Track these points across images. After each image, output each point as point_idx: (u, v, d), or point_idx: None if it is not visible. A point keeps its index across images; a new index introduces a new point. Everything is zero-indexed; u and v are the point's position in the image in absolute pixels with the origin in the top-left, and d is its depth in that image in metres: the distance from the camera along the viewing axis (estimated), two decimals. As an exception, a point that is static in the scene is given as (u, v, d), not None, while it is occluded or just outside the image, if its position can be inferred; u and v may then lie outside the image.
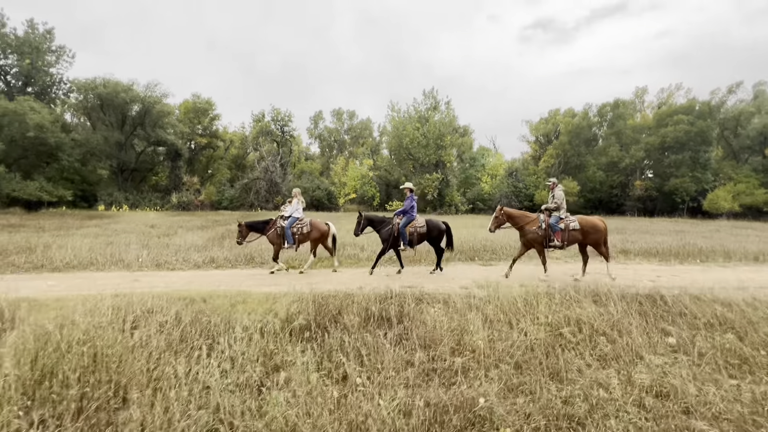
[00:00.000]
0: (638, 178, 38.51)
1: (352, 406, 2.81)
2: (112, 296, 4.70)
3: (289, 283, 7.12)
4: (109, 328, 3.69)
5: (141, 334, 3.74)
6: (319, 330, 4.18)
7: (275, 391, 2.98)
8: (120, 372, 3.07)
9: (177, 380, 3.06)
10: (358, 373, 3.33)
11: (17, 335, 3.33)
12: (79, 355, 3.08)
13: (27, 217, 22.37)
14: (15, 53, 37.67)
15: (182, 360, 3.37)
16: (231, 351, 3.59)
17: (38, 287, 6.57)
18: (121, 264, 8.54)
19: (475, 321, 4.30)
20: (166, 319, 4.14)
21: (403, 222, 7.98)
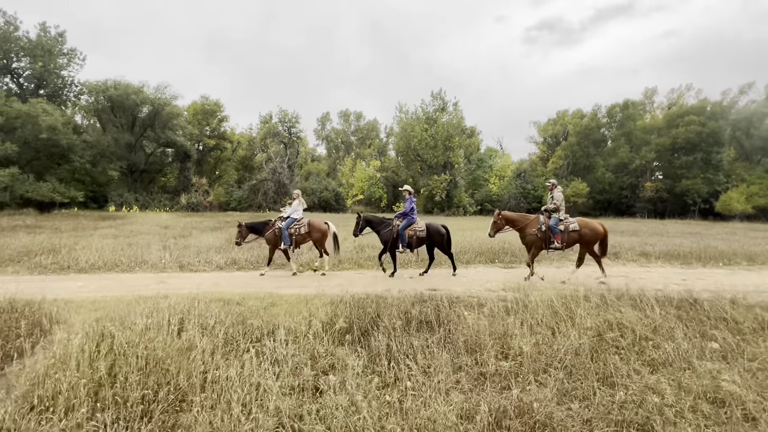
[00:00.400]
0: (648, 179, 38.18)
1: (411, 411, 2.80)
2: (153, 298, 4.73)
3: (313, 285, 7.15)
4: (157, 330, 3.71)
5: (188, 335, 3.76)
6: (360, 332, 4.19)
7: (332, 395, 2.98)
8: (176, 374, 3.09)
9: (230, 382, 3.07)
10: (409, 377, 3.32)
11: (81, 337, 3.35)
12: (137, 357, 3.10)
13: (41, 218, 22.61)
14: (28, 56, 38.16)
15: (234, 362, 3.38)
16: (278, 353, 3.60)
17: (68, 288, 6.63)
18: (145, 265, 8.60)
19: (516, 324, 4.28)
20: (208, 321, 4.16)
21: (403, 224, 7.95)
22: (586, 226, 7.75)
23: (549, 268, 9.51)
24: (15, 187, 30.44)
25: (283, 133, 52.63)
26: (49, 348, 3.85)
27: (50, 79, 39.39)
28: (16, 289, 5.33)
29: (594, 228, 7.78)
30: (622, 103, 40.46)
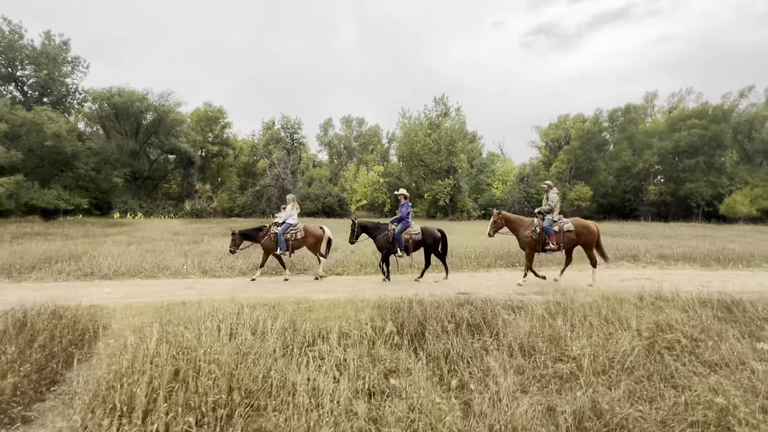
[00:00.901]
0: (651, 182, 38.33)
1: (486, 413, 2.77)
2: (194, 303, 4.71)
3: (338, 289, 7.13)
4: (218, 335, 3.69)
5: (242, 339, 3.73)
6: (411, 336, 4.16)
7: (403, 397, 2.96)
8: (243, 378, 3.06)
9: (299, 386, 3.04)
10: (472, 379, 3.30)
11: (155, 341, 3.32)
12: (207, 361, 3.08)
13: (48, 225, 22.54)
14: (32, 64, 38.31)
15: (293, 365, 3.35)
16: (335, 357, 3.58)
17: (97, 294, 6.59)
18: (168, 271, 8.57)
19: (566, 327, 4.26)
20: (259, 325, 4.13)
21: (399, 229, 7.94)
22: (581, 226, 7.79)
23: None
24: (20, 194, 30.38)
25: (286, 140, 52.78)
26: (102, 353, 3.83)
27: (54, 86, 39.50)
28: (48, 296, 5.30)
29: (588, 227, 7.84)
30: (624, 107, 40.76)
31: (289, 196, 8.77)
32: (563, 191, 39.83)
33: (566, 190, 39.55)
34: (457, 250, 10.99)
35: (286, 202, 8.69)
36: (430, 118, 40.97)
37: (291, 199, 8.63)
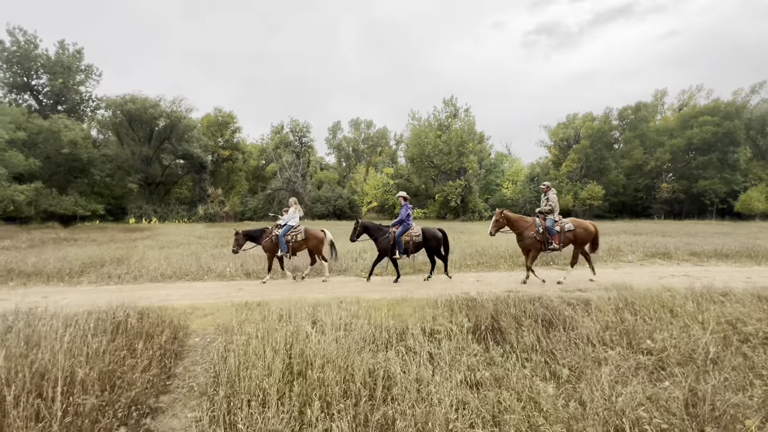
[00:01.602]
0: (664, 180, 38.17)
1: (590, 402, 2.89)
2: (264, 303, 4.86)
3: (382, 289, 7.28)
4: (300, 331, 3.84)
5: (334, 336, 3.88)
6: (486, 331, 4.29)
7: (507, 389, 3.08)
8: (350, 370, 3.21)
9: (394, 378, 3.18)
10: (561, 373, 3.42)
11: (262, 337, 3.47)
12: (318, 356, 3.23)
13: (72, 231, 22.89)
14: (47, 73, 38.96)
15: (394, 359, 3.49)
16: (426, 351, 3.71)
17: (154, 297, 6.77)
18: (212, 274, 8.75)
19: (636, 321, 4.37)
20: (338, 322, 4.28)
21: (399, 231, 8.00)
22: (580, 226, 7.93)
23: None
24: (39, 201, 30.88)
25: (295, 143, 53.15)
26: (199, 349, 4.00)
27: (69, 95, 40.14)
28: (115, 299, 5.49)
29: (587, 227, 7.99)
30: (635, 105, 40.64)
31: (292, 199, 8.86)
32: (574, 190, 39.77)
33: (577, 190, 39.50)
34: (489, 250, 11.11)
35: (300, 205, 8.83)
36: (440, 119, 41.10)
37: (293, 201, 8.72)
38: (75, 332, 3.58)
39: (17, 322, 4.08)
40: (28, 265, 8.73)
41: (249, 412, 2.64)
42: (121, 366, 3.14)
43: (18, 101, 38.70)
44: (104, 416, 2.55)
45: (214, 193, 43.31)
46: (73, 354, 3.08)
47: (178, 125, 40.17)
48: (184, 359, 3.87)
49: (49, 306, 4.97)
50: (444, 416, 2.71)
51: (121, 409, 2.71)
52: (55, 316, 4.29)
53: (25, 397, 2.53)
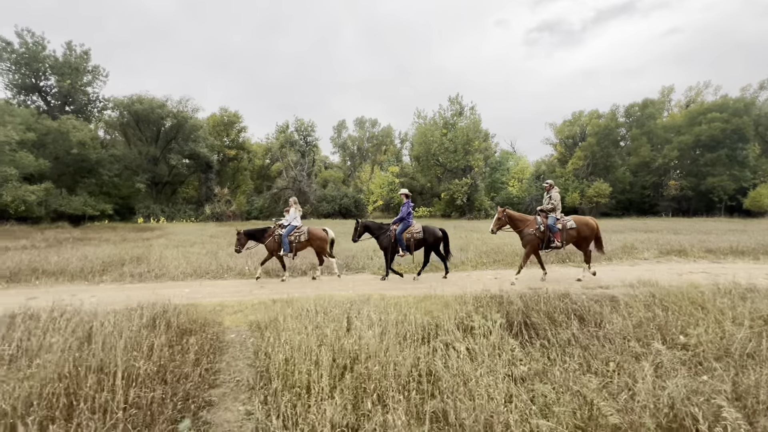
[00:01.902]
0: (672, 177, 37.96)
1: (638, 392, 2.93)
2: (292, 301, 4.93)
3: (405, 287, 7.32)
4: (338, 328, 3.90)
5: (373, 332, 3.93)
6: (520, 328, 4.33)
7: (552, 384, 3.13)
8: (393, 365, 3.26)
9: (437, 372, 3.23)
10: (606, 367, 3.46)
11: (309, 334, 3.53)
12: (362, 350, 3.29)
13: (84, 231, 23.11)
14: (55, 74, 39.26)
15: (433, 354, 3.55)
16: (462, 347, 3.76)
17: (177, 294, 6.85)
18: (232, 272, 8.84)
19: (668, 317, 4.40)
20: (374, 318, 4.33)
21: (400, 228, 8.07)
22: (582, 223, 7.92)
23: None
24: (49, 201, 31.18)
25: (300, 142, 53.28)
26: (237, 344, 4.07)
27: (76, 95, 40.43)
28: (138, 297, 5.58)
29: (589, 224, 7.99)
30: (642, 102, 40.41)
31: (291, 198, 8.88)
32: (581, 188, 39.62)
33: (584, 187, 39.34)
34: (505, 248, 11.14)
35: (302, 204, 8.87)
36: (445, 117, 41.07)
37: (293, 201, 8.74)
38: (120, 327, 3.66)
39: (62, 318, 4.17)
40: (51, 264, 8.85)
41: (306, 403, 2.70)
42: (172, 361, 3.22)
43: (27, 102, 39.02)
44: (167, 408, 2.62)
45: (220, 192, 43.54)
46: (129, 349, 3.16)
47: (184, 125, 40.38)
48: (225, 354, 3.94)
49: (84, 303, 5.07)
50: (495, 409, 2.76)
51: (180, 401, 2.78)
52: (96, 312, 4.37)
53: (90, 389, 2.60)
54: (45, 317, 4.21)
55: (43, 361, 2.89)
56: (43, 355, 3.03)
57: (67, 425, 2.34)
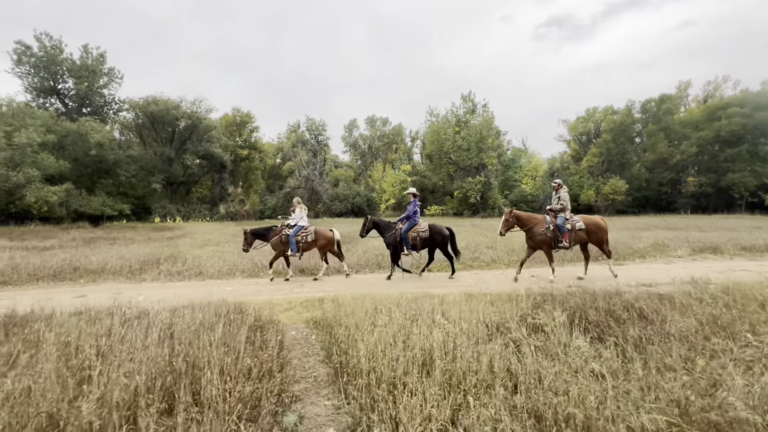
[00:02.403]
0: (690, 174, 37.30)
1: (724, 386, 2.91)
2: (332, 299, 4.97)
3: (447, 285, 7.33)
4: (407, 325, 3.92)
5: (443, 329, 3.95)
6: (582, 325, 4.31)
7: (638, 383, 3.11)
8: (471, 361, 3.28)
9: (514, 370, 3.23)
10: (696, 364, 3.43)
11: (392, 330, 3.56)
12: (437, 349, 3.31)
13: (105, 230, 23.52)
14: (73, 77, 39.94)
15: (504, 351, 3.55)
16: (532, 345, 3.76)
17: (221, 292, 6.96)
18: (266, 270, 8.94)
19: (731, 314, 4.35)
20: (435, 316, 4.35)
21: (406, 227, 8.07)
22: (592, 223, 7.79)
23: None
24: (70, 201, 31.79)
25: (311, 141, 53.56)
26: (300, 342, 4.12)
27: (93, 98, 41.10)
28: (184, 294, 5.67)
29: (598, 224, 7.85)
30: (659, 98, 39.75)
31: (296, 198, 8.87)
32: (596, 185, 39.15)
33: (599, 185, 38.87)
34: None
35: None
36: (458, 115, 40.88)
37: (297, 201, 8.75)
38: (203, 322, 3.73)
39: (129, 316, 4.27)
40: (93, 263, 9.04)
41: (399, 399, 2.73)
42: (255, 356, 3.27)
43: (45, 105, 39.77)
44: (267, 402, 2.67)
45: (234, 192, 43.95)
46: (218, 345, 3.22)
47: (199, 126, 40.84)
48: (293, 351, 4.00)
49: (137, 301, 5.17)
50: (588, 405, 2.76)
51: (273, 395, 2.83)
52: (173, 308, 4.47)
53: (187, 382, 2.67)
54: (121, 314, 4.32)
55: (142, 356, 2.97)
56: (142, 349, 3.11)
57: (175, 419, 2.40)
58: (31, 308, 4.64)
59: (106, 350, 3.18)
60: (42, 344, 3.26)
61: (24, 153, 28.32)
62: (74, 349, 3.23)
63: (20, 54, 37.63)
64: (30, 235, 19.27)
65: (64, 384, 2.59)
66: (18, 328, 3.93)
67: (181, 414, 2.43)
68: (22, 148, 28.06)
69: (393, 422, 2.56)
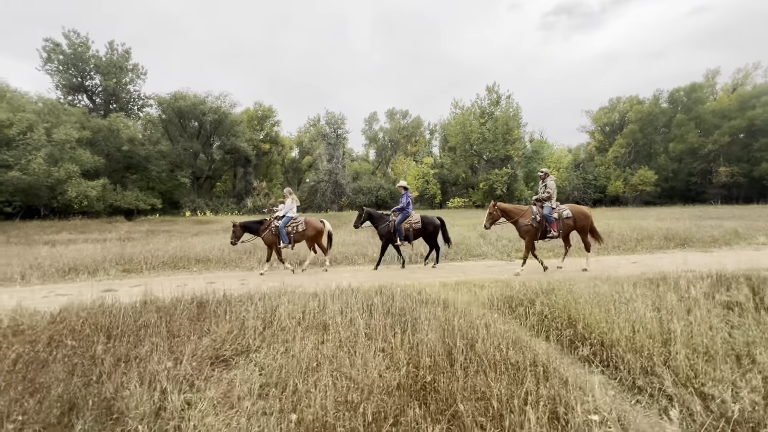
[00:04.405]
0: (722, 164, 36.80)
1: None
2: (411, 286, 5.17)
3: (489, 271, 7.49)
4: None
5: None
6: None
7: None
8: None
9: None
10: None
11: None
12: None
13: (153, 224, 24.04)
14: (100, 74, 40.41)
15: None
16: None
17: (344, 279, 7.21)
18: (346, 260, 9.19)
19: None
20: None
21: (399, 219, 8.25)
22: (578, 212, 7.80)
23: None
24: (105, 196, 32.47)
25: (331, 135, 53.72)
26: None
27: (120, 94, 41.63)
28: (318, 281, 5.88)
29: (585, 212, 7.86)
30: (688, 86, 39.12)
31: (287, 189, 8.80)
32: (624, 176, 38.85)
33: (627, 175, 38.55)
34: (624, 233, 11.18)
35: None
36: (482, 107, 40.70)
37: (288, 192, 8.66)
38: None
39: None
40: (198, 253, 9.38)
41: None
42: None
43: (74, 102, 40.39)
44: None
45: (259, 185, 44.46)
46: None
47: (225, 120, 41.24)
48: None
49: (295, 286, 5.43)
50: None
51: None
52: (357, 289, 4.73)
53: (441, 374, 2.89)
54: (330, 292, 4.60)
55: (423, 338, 3.22)
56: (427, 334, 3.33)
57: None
58: (220, 291, 4.93)
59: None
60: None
61: (63, 149, 28.90)
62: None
63: (49, 51, 38.12)
64: (83, 228, 19.79)
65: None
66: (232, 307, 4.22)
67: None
68: (61, 144, 28.64)
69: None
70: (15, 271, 7.30)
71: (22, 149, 26.77)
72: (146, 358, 2.98)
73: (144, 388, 2.49)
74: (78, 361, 2.92)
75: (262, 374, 2.86)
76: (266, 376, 2.80)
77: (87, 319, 3.79)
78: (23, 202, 27.27)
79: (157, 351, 3.08)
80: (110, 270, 7.79)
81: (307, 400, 2.38)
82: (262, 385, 2.70)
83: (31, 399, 2.40)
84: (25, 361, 2.92)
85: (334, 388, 2.46)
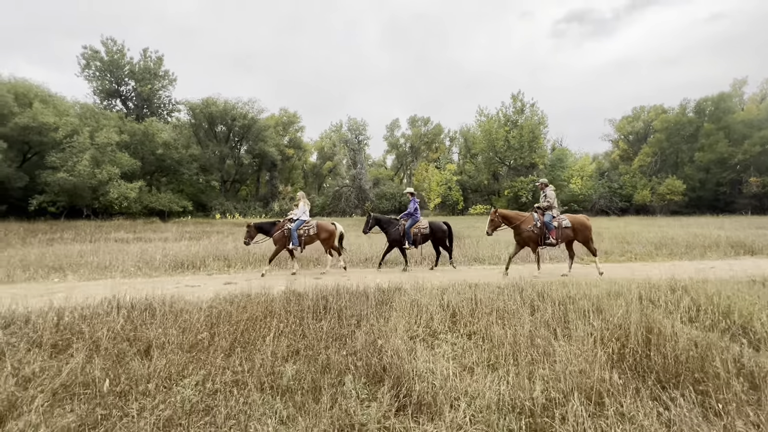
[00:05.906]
0: (753, 174, 36.32)
1: None
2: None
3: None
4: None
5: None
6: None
7: None
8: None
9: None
10: None
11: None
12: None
13: (198, 225, 24.78)
14: (134, 80, 41.92)
15: None
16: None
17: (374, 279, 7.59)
18: (368, 262, 9.55)
19: None
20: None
21: (409, 224, 8.52)
22: (577, 222, 7.99)
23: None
24: (142, 198, 33.55)
25: (353, 141, 54.53)
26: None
27: (152, 99, 43.10)
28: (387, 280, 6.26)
29: (583, 222, 8.04)
30: (717, 96, 38.82)
31: (300, 192, 8.99)
32: (651, 185, 38.58)
33: (654, 184, 38.28)
34: (628, 237, 11.34)
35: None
36: (507, 115, 40.98)
37: (302, 196, 8.84)
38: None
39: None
40: (257, 253, 9.84)
41: None
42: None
43: (109, 107, 41.92)
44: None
45: (284, 190, 45.31)
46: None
47: (253, 126, 42.30)
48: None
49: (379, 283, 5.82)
50: None
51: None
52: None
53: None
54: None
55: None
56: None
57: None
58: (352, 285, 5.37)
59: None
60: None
61: (104, 151, 30.08)
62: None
63: (88, 58, 39.75)
64: (131, 228, 20.57)
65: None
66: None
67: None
68: (102, 147, 29.82)
69: None
70: (130, 265, 7.86)
71: (68, 152, 28.01)
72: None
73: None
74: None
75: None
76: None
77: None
78: (67, 202, 28.36)
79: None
80: (212, 264, 8.32)
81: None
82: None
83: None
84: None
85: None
